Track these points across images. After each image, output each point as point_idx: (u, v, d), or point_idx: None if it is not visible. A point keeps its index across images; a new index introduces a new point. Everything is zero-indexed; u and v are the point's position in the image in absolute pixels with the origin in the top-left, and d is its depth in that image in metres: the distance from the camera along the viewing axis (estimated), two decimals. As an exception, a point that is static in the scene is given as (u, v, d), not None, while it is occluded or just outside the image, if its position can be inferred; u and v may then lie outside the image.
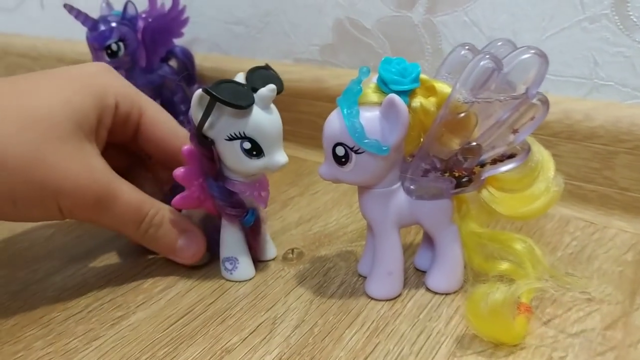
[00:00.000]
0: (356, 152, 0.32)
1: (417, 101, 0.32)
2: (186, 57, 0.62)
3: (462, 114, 0.32)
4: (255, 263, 0.40)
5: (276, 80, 0.35)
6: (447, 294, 0.36)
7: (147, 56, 0.58)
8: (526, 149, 0.33)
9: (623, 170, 0.44)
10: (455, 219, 0.35)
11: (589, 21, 0.45)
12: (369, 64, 0.56)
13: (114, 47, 0.55)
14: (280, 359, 0.31)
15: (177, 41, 0.62)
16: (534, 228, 0.44)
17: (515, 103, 0.32)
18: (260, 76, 0.35)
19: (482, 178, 0.34)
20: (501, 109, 0.32)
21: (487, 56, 0.31)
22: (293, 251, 0.42)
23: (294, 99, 0.59)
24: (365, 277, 0.38)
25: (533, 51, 0.31)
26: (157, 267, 0.40)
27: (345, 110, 0.32)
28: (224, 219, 0.38)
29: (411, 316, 0.34)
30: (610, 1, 0.43)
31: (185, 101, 0.62)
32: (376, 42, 0.56)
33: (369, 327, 0.33)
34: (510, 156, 0.33)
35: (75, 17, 0.55)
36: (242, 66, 0.37)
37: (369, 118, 0.32)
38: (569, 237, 0.43)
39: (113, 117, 0.37)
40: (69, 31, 0.81)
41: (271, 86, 0.33)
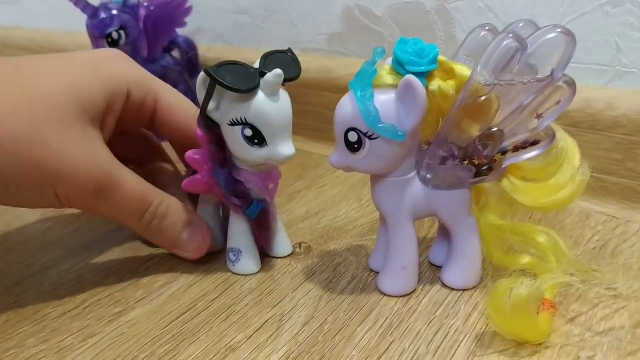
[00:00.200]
0: (370, 137, 0.30)
1: (435, 84, 0.31)
2: (189, 47, 0.61)
3: (483, 98, 0.30)
4: (264, 258, 0.38)
5: (291, 65, 0.33)
6: (465, 290, 0.35)
7: (149, 46, 0.57)
8: (551, 135, 0.32)
9: (647, 162, 0.42)
10: (473, 210, 0.34)
11: (611, 5, 0.43)
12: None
13: (114, 35, 0.54)
14: (288, 357, 0.30)
15: (180, 31, 0.61)
16: (553, 222, 0.42)
17: (539, 86, 0.30)
18: (275, 60, 0.33)
19: (504, 166, 0.32)
20: (524, 92, 0.30)
21: (511, 35, 0.29)
22: (301, 245, 0.40)
23: (300, 90, 0.57)
24: (377, 273, 0.36)
25: (559, 30, 0.30)
26: (158, 261, 0.39)
27: (359, 93, 0.30)
28: (229, 208, 0.37)
29: (427, 313, 0.33)
30: (634, -16, 0.42)
31: (188, 92, 0.60)
32: (387, 30, 0.55)
33: (382, 325, 0.32)
34: (534, 143, 0.32)
35: (75, 4, 0.54)
36: (247, 57, 0.35)
37: (384, 101, 0.30)
38: (590, 231, 0.41)
39: (125, 104, 0.36)
40: (70, 23, 0.81)
41: (277, 71, 0.31)
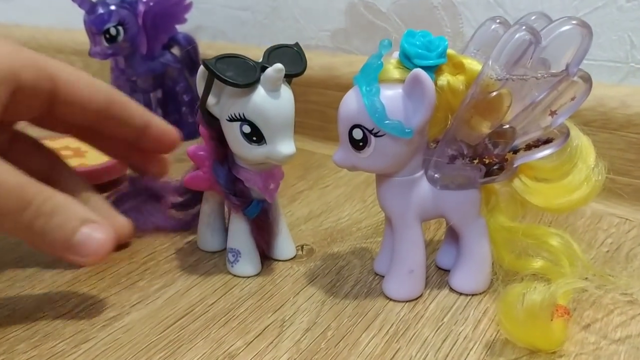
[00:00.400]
0: (375, 135, 0.29)
1: (444, 79, 0.30)
2: (190, 44, 0.60)
3: (494, 93, 0.29)
4: (265, 260, 0.37)
5: (297, 60, 0.32)
6: (474, 295, 0.34)
7: (148, 42, 0.56)
8: (565, 132, 0.31)
9: (662, 163, 0.42)
10: (483, 211, 0.33)
11: (625, -1, 0.42)
12: (384, 50, 0.54)
13: (112, 31, 0.53)
14: (290, 365, 0.29)
15: (180, 28, 0.59)
16: (563, 225, 0.41)
17: (554, 81, 0.29)
18: (280, 54, 0.32)
19: (515, 166, 0.31)
20: (537, 88, 0.29)
21: (524, 27, 0.28)
22: (303, 248, 0.39)
23: (302, 88, 0.56)
24: (382, 276, 0.35)
25: (575, 22, 0.29)
26: (156, 264, 0.38)
27: (364, 88, 0.29)
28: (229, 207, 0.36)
29: (434, 319, 0.32)
30: (649, -23, 0.41)
31: (188, 91, 0.59)
32: (392, 26, 0.54)
33: (387, 331, 0.31)
34: (547, 141, 0.31)
35: (72, -1, 0.52)
36: (249, 55, 0.33)
37: (390, 97, 0.29)
38: (603, 234, 0.40)
39: (12, 88, 0.32)
40: (69, 21, 0.79)
41: (278, 66, 0.30)
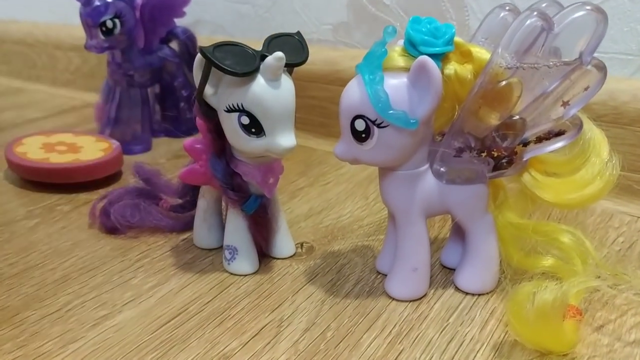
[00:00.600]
0: (379, 125, 0.28)
1: (451, 67, 0.29)
2: (188, 38, 0.59)
3: (503, 83, 0.28)
4: (263, 258, 0.37)
5: (298, 49, 0.31)
6: (481, 295, 0.33)
7: (145, 36, 0.55)
8: (577, 124, 0.29)
9: (675, 159, 0.41)
10: (490, 207, 0.32)
11: (637, -10, 0.41)
12: (387, 43, 0.53)
13: (109, 24, 0.52)
14: (287, 367, 0.28)
15: (178, 22, 0.58)
16: (573, 223, 0.41)
17: (566, 70, 0.28)
18: (280, 43, 0.31)
19: (525, 159, 0.30)
20: (549, 77, 0.29)
21: (535, 13, 0.27)
22: (302, 245, 0.39)
23: (304, 82, 0.56)
24: (384, 275, 0.35)
25: (589, 7, 0.28)
26: (150, 261, 0.37)
27: (367, 77, 0.28)
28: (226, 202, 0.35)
29: (439, 320, 0.31)
30: (662, -34, 0.40)
31: (186, 86, 0.58)
32: (395, 19, 0.54)
33: (390, 332, 0.30)
34: (558, 134, 0.30)
35: (68, -9, 0.51)
36: None
37: (394, 85, 0.28)
38: (614, 232, 0.40)
39: None
40: (67, 16, 0.78)
41: (278, 54, 0.29)
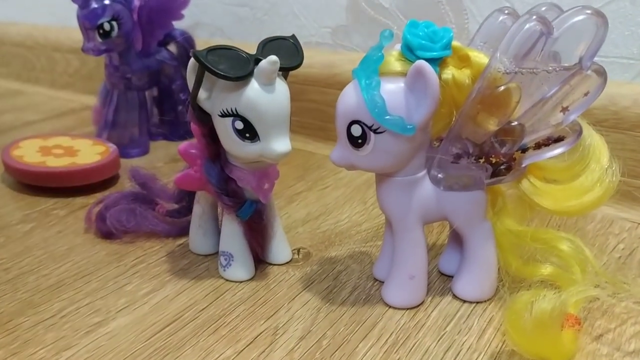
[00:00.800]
0: (375, 131, 0.28)
1: (449, 72, 0.29)
2: (187, 41, 0.58)
3: (501, 88, 0.28)
4: (259, 264, 0.37)
5: (293, 53, 0.31)
6: (478, 303, 0.33)
7: (143, 38, 0.55)
8: (577, 130, 0.29)
9: (676, 165, 0.41)
10: (489, 214, 0.32)
11: (638, -7, 0.41)
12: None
13: (106, 26, 0.52)
14: (282, 376, 0.28)
15: (177, 25, 0.58)
16: (573, 229, 0.40)
17: (566, 75, 0.28)
18: (275, 47, 0.31)
19: (523, 165, 0.30)
20: (548, 82, 0.28)
21: (534, 17, 0.27)
22: (299, 251, 0.39)
23: (302, 86, 0.56)
24: (382, 282, 0.35)
25: (589, 11, 0.27)
26: (145, 267, 0.37)
27: (363, 82, 0.28)
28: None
29: (436, 328, 0.31)
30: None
31: (184, 89, 0.58)
32: (394, 23, 0.53)
33: (386, 340, 0.30)
34: (557, 140, 0.30)
35: (65, -7, 0.51)
36: (248, 51, 0.32)
37: (391, 91, 0.28)
38: (614, 239, 0.39)
39: None
40: (66, 19, 0.78)
41: (272, 58, 0.29)
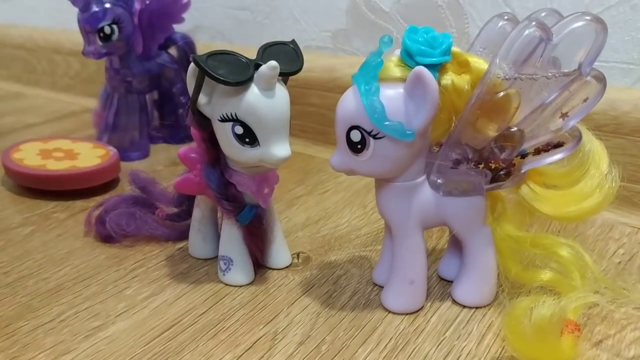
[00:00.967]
0: (375, 137, 0.28)
1: (448, 78, 0.29)
2: (187, 44, 0.58)
3: (501, 94, 0.28)
4: (259, 268, 0.36)
5: (293, 58, 0.31)
6: (478, 308, 0.33)
7: (144, 42, 0.55)
8: (576, 136, 0.29)
9: (676, 170, 0.41)
10: (488, 219, 0.32)
11: (638, -2, 0.41)
12: (386, 51, 0.53)
13: (107, 30, 0.52)
14: (281, 382, 0.28)
15: (177, 28, 0.58)
16: (572, 234, 0.40)
17: (565, 81, 0.28)
18: (275, 52, 0.31)
19: (523, 171, 0.30)
20: (548, 88, 0.28)
21: (534, 23, 0.27)
22: (299, 256, 0.38)
23: (302, 90, 0.56)
24: (381, 287, 0.34)
25: (588, 18, 0.27)
26: (145, 271, 0.37)
27: (363, 87, 0.28)
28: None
29: (436, 333, 0.31)
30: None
31: (185, 93, 0.58)
32: (395, 27, 0.53)
33: (386, 346, 0.30)
34: (557, 145, 0.30)
35: (66, -4, 0.51)
36: (248, 55, 0.32)
37: (390, 96, 0.28)
38: (614, 244, 0.39)
39: None
40: (66, 21, 0.78)
41: (272, 63, 0.29)
